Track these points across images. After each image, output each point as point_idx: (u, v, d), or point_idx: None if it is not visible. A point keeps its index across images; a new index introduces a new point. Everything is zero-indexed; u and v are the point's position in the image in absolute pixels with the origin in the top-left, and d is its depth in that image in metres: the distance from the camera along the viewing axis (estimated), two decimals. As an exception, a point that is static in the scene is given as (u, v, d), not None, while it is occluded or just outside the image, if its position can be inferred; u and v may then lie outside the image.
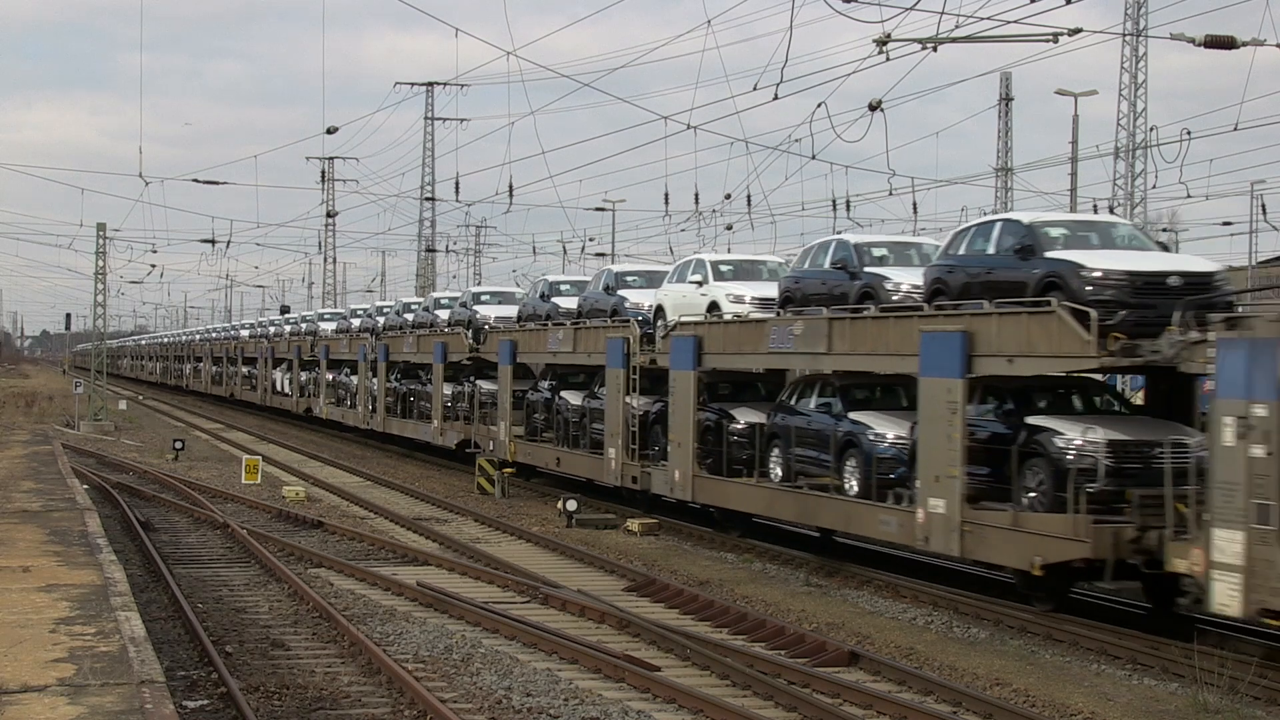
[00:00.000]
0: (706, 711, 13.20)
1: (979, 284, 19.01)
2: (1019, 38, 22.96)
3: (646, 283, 30.52)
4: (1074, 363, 17.37)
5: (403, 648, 15.89)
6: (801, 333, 22.65)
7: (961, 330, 18.47)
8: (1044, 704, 13.92)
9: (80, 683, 11.03)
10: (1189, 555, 15.25)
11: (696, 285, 27.09)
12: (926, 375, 19.13)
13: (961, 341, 18.40)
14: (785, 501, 22.96)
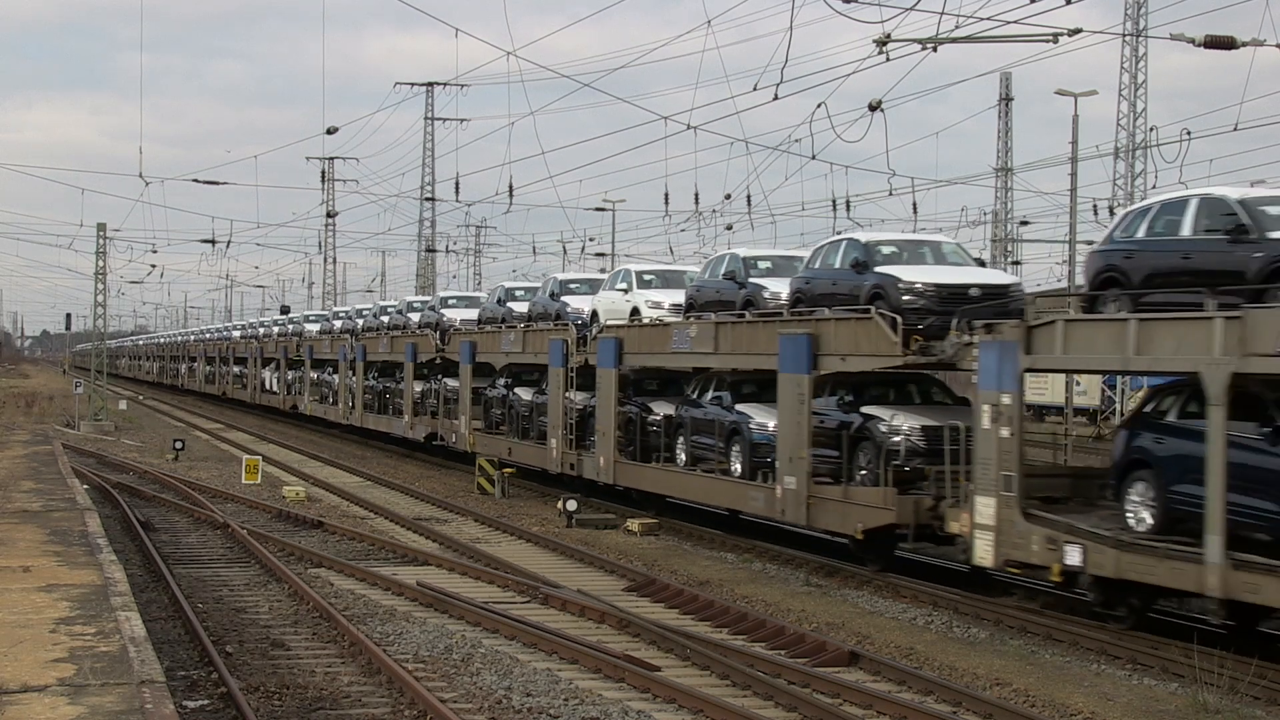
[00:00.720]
0: (706, 711, 13.21)
1: (827, 294, 22.36)
2: (1019, 38, 22.98)
3: (588, 290, 33.35)
4: (886, 360, 20.48)
5: (403, 648, 15.89)
6: (696, 335, 25.85)
7: (808, 333, 21.94)
8: (1044, 704, 13.92)
9: (80, 683, 11.04)
10: (960, 519, 18.74)
11: (622, 293, 30.20)
12: (783, 371, 22.48)
13: (808, 343, 21.87)
14: (687, 483, 26.20)
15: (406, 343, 43.52)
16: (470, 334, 38.94)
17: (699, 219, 55.28)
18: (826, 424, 22.21)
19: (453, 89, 73.21)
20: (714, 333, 25.24)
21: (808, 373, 21.86)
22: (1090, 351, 17.35)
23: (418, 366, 42.81)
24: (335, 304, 75.20)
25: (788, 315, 23.19)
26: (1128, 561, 16.13)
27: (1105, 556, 16.35)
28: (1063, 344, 17.53)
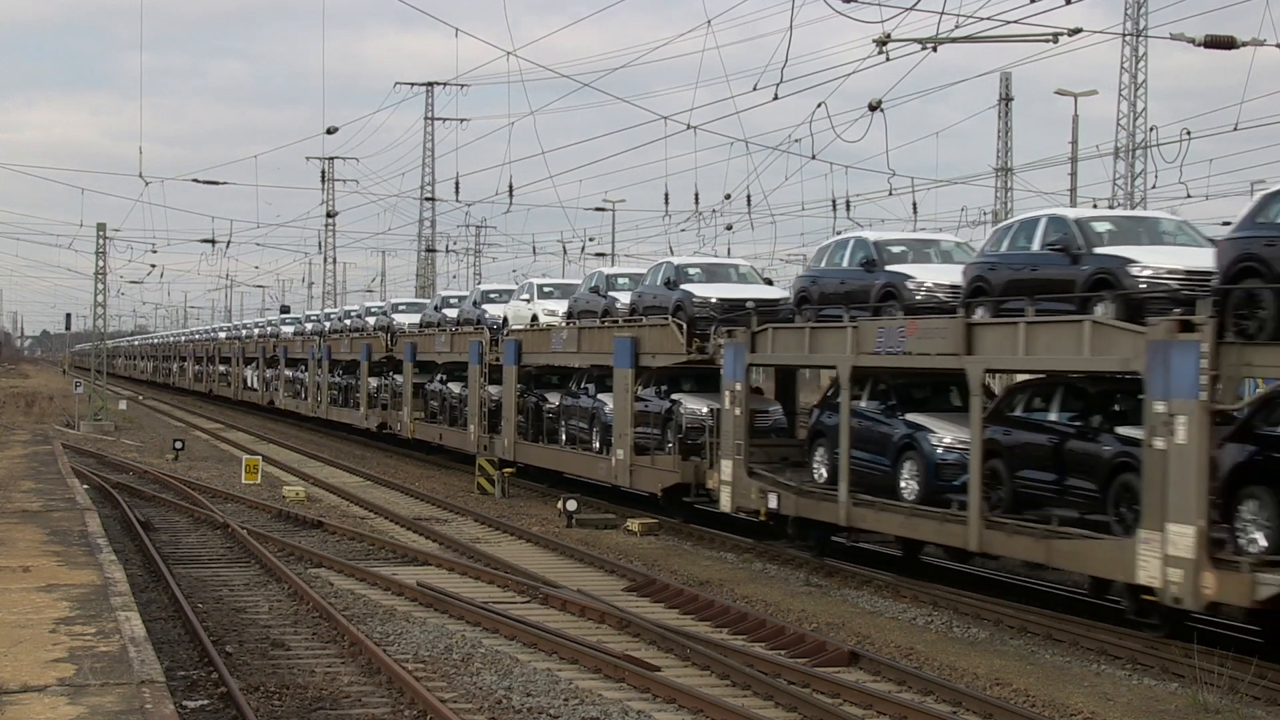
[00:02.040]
0: (706, 711, 13.21)
1: (651, 305, 28.25)
2: (1019, 38, 22.97)
3: (505, 299, 38.66)
4: (678, 358, 26.61)
5: (403, 648, 15.89)
6: (566, 338, 31.76)
7: (633, 336, 28.05)
8: (1044, 704, 13.92)
9: (80, 683, 11.04)
10: (713, 477, 24.90)
11: (525, 302, 36.03)
12: (617, 366, 28.48)
13: (632, 344, 27.95)
14: (563, 458, 32.29)
15: (363, 344, 49.25)
16: (413, 336, 44.64)
17: (699, 219, 55.30)
18: (650, 408, 28.05)
19: (453, 89, 73.23)
20: (578, 336, 31.27)
21: (632, 367, 27.88)
22: (786, 350, 23.57)
23: (372, 365, 48.31)
24: (335, 304, 75.37)
25: (616, 323, 29.29)
26: (804, 504, 22.34)
27: (790, 501, 22.54)
28: (771, 345, 23.58)
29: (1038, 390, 19.48)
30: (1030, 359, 18.24)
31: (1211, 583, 14.80)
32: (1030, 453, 18.60)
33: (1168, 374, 15.43)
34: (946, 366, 19.39)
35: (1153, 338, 15.69)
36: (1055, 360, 17.78)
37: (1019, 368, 20.18)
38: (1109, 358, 16.56)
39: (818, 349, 22.38)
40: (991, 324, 18.83)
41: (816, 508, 21.86)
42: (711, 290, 26.86)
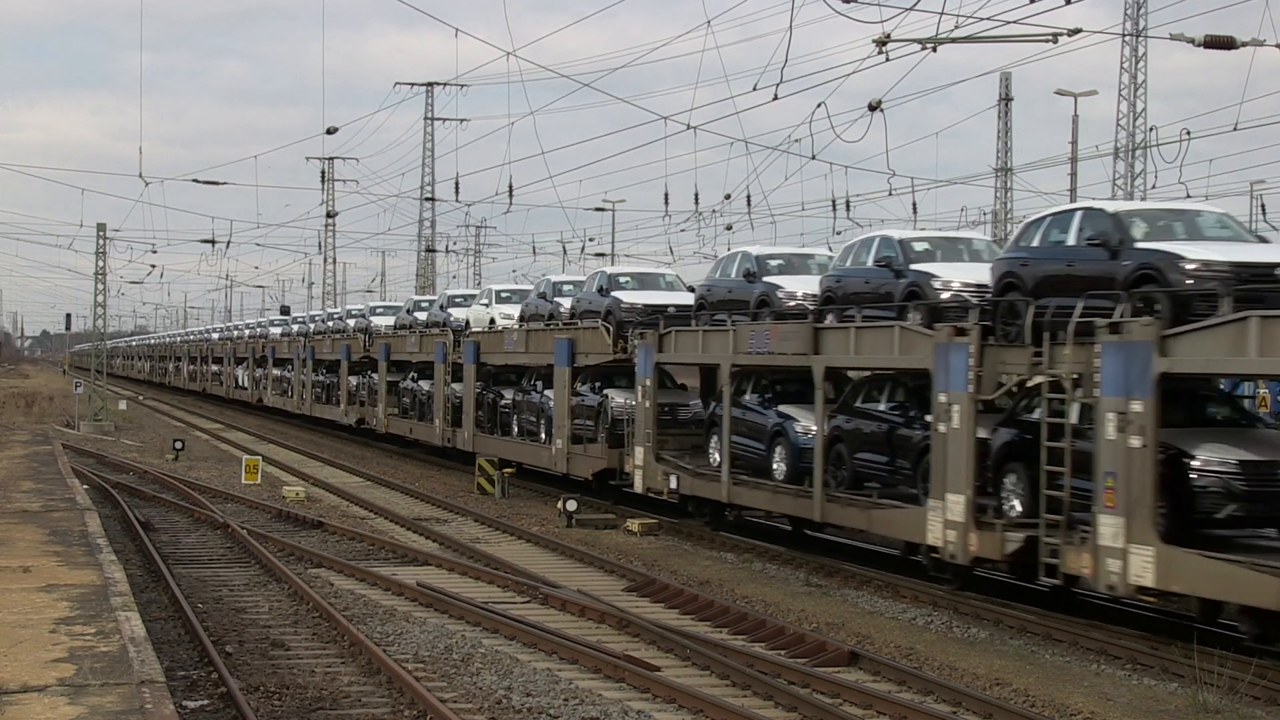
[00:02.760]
0: (706, 711, 13.21)
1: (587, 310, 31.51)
2: (1019, 38, 22.97)
3: (468, 303, 41.82)
4: (605, 357, 29.81)
5: (403, 648, 15.89)
6: (516, 340, 35.20)
7: (570, 338, 31.24)
8: (1044, 704, 13.92)
9: (80, 683, 11.04)
10: (629, 462, 27.84)
11: (485, 307, 39.48)
12: (557, 365, 31.45)
13: (569, 345, 31.13)
14: (514, 448, 35.05)
15: (343, 344, 52.27)
16: (388, 337, 48.01)
17: (699, 219, 55.30)
18: (585, 402, 31.15)
19: (452, 89, 73.24)
20: (526, 338, 34.67)
21: (569, 366, 31.03)
22: (685, 351, 26.82)
23: (352, 364, 51.12)
24: (336, 305, 75.41)
25: (558, 326, 32.66)
26: (696, 484, 25.82)
27: (687, 481, 26.00)
28: (674, 346, 27.00)
29: (873, 384, 22.76)
30: (859, 358, 21.84)
31: (975, 541, 18.18)
32: (866, 438, 22.00)
33: (947, 371, 18.75)
34: (800, 364, 22.54)
35: (938, 340, 18.94)
36: (877, 359, 21.46)
37: (851, 365, 22.97)
38: (912, 357, 19.77)
39: (708, 349, 25.90)
40: (832, 328, 22.21)
41: (706, 486, 25.50)
42: (638, 297, 30.30)
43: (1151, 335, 15.73)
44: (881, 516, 20.69)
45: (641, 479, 27.25)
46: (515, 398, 35.75)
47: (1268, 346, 14.59)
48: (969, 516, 18.21)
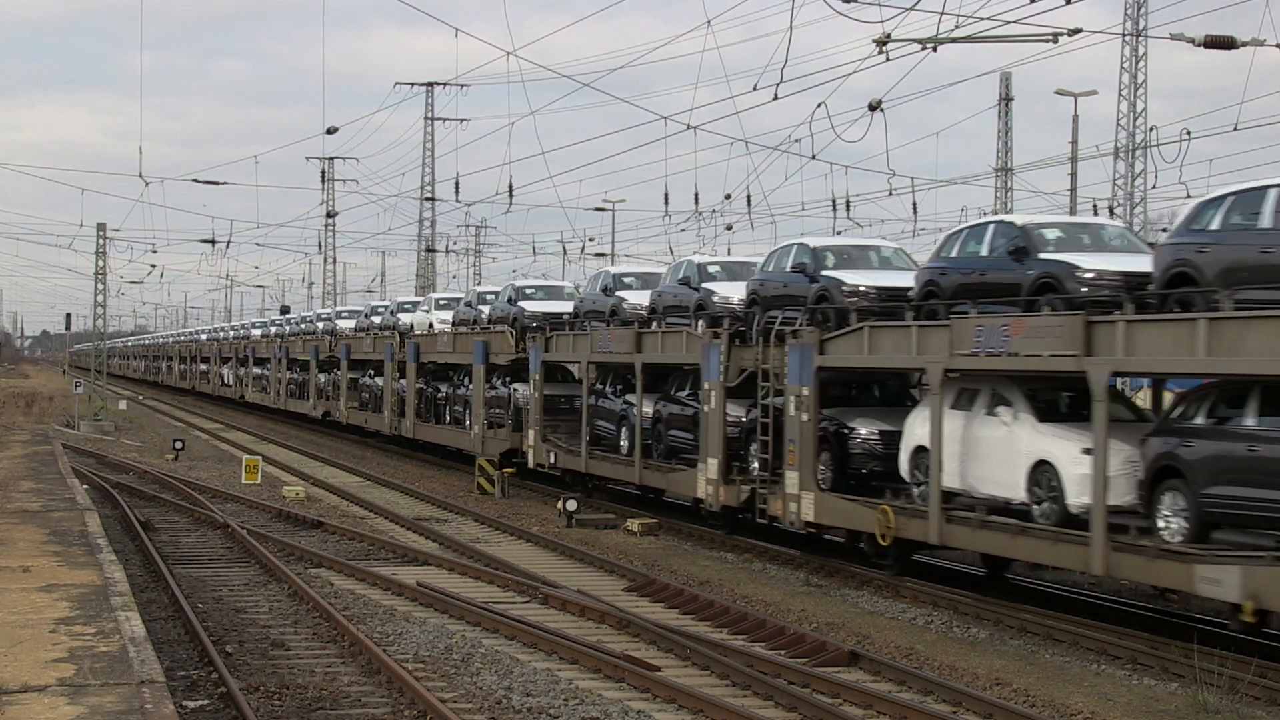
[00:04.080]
0: (706, 711, 13.20)
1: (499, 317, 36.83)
2: (1019, 38, 22.97)
3: (433, 306, 46.64)
4: (511, 356, 35.00)
5: (403, 648, 15.88)
6: (447, 341, 40.90)
7: (484, 340, 36.75)
8: (1044, 704, 13.92)
9: (80, 683, 11.04)
10: (524, 443, 33.35)
11: (425, 312, 46.06)
12: (474, 363, 36.96)
13: (484, 346, 36.50)
14: (444, 433, 40.69)
15: (311, 345, 57.79)
16: (349, 338, 53.64)
17: (699, 219, 55.34)
18: (499, 394, 36.15)
19: (453, 89, 73.25)
20: (454, 340, 40.21)
21: (484, 363, 36.54)
22: (562, 351, 32.39)
23: (320, 363, 56.12)
24: (335, 304, 75.55)
25: (478, 330, 38.44)
26: (566, 459, 31.19)
27: (562, 458, 31.33)
28: (555, 348, 32.70)
29: (684, 376, 27.42)
30: (664, 355, 27.35)
31: (724, 493, 24.32)
32: (676, 419, 27.57)
33: (708, 365, 24.75)
34: (629, 361, 28.35)
35: (704, 342, 25.01)
36: (673, 356, 26.98)
37: (659, 361, 27.80)
38: (691, 354, 25.83)
39: (576, 349, 31.71)
40: (648, 332, 28.07)
41: (573, 460, 30.91)
42: (538, 306, 35.60)
43: (814, 339, 21.89)
44: (674, 478, 26.79)
45: (532, 456, 32.67)
46: (448, 391, 41.00)
47: (875, 346, 20.85)
48: (720, 475, 24.40)
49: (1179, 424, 16.49)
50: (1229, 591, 14.83)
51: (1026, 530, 17.77)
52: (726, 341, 24.38)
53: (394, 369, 44.55)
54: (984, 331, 18.40)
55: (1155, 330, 16.08)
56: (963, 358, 18.84)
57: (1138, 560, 16.05)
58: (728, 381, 24.33)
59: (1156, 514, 16.14)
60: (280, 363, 62.64)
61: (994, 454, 18.81)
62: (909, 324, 20.27)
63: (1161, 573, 15.90)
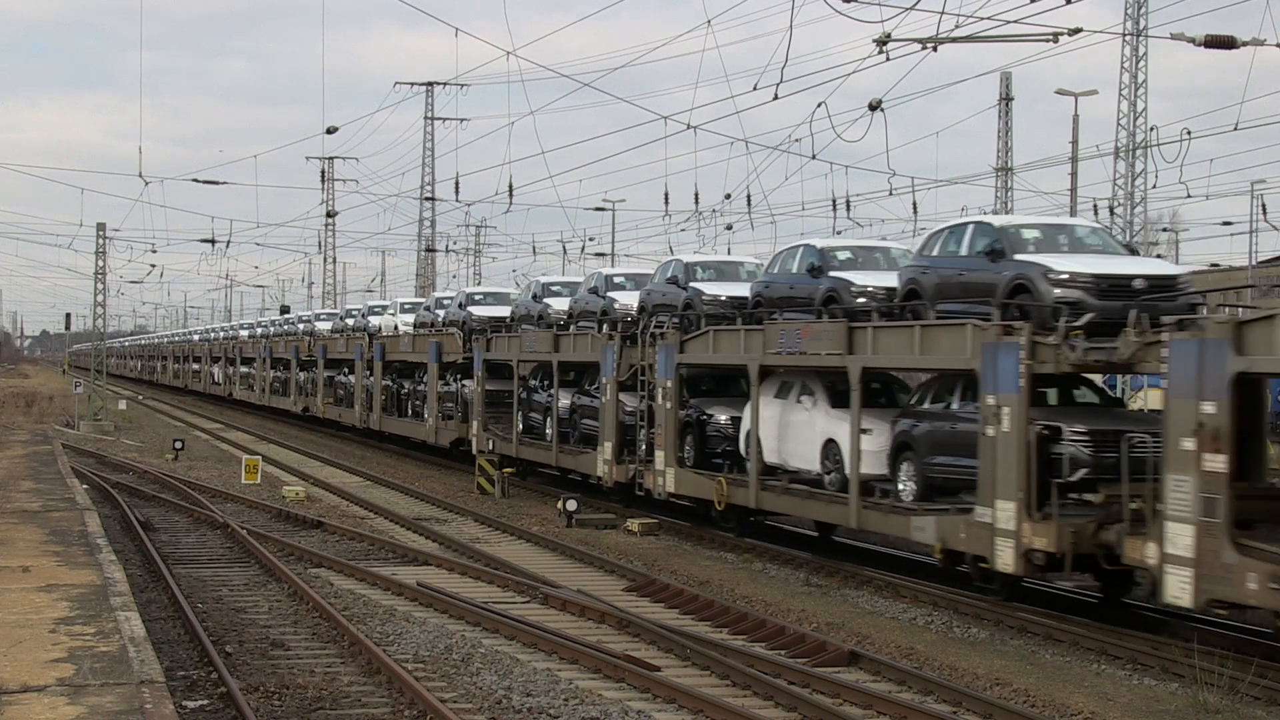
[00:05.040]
0: (706, 711, 13.20)
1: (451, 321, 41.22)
2: (1019, 38, 22.97)
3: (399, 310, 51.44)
4: (460, 355, 38.84)
5: (403, 648, 15.88)
6: (407, 342, 45.36)
7: (437, 341, 40.90)
8: (1044, 704, 13.91)
9: (80, 683, 11.04)
10: (469, 434, 37.05)
11: (391, 315, 50.99)
12: (429, 362, 41.14)
13: (437, 346, 40.71)
14: (407, 426, 44.55)
15: (293, 345, 61.95)
16: (326, 339, 58.10)
17: (699, 219, 55.34)
18: (450, 389, 39.97)
19: (453, 88, 73.27)
20: (412, 340, 44.62)
21: (437, 362, 40.50)
22: (500, 351, 36.07)
23: (300, 362, 59.94)
24: (335, 304, 75.73)
25: (433, 332, 42.42)
26: (502, 445, 34.80)
27: (500, 445, 34.89)
28: (494, 348, 36.34)
29: (593, 374, 30.30)
30: (574, 355, 31.42)
31: (615, 472, 28.25)
32: (588, 410, 30.78)
33: (605, 362, 28.78)
34: (548, 359, 32.55)
35: (603, 342, 29.07)
36: (584, 355, 30.67)
37: (570, 360, 31.72)
38: (595, 354, 29.53)
39: (510, 350, 35.29)
40: (565, 334, 32.24)
41: (507, 447, 34.58)
42: (484, 311, 39.41)
43: (676, 341, 26.09)
44: (582, 459, 30.63)
45: (475, 443, 36.10)
46: (410, 387, 44.83)
47: (718, 347, 25.11)
48: (614, 456, 28.38)
49: (914, 408, 20.55)
50: (929, 536, 19.25)
51: (813, 494, 22.42)
52: (619, 342, 28.51)
53: (364, 367, 48.51)
54: (785, 335, 22.76)
55: (892, 334, 20.29)
56: (772, 356, 23.24)
57: (878, 515, 20.54)
58: (620, 376, 28.33)
59: (898, 479, 20.31)
60: (264, 362, 66.76)
61: (800, 434, 22.92)
62: (739, 328, 24.62)
63: (892, 524, 20.27)
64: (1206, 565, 14.86)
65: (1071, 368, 17.33)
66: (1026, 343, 17.26)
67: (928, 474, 19.63)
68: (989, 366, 17.74)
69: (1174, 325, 15.73)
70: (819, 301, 22.75)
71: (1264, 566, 14.17)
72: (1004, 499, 17.35)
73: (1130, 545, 16.08)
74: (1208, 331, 15.23)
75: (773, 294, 24.49)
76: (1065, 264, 18.05)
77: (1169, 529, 15.26)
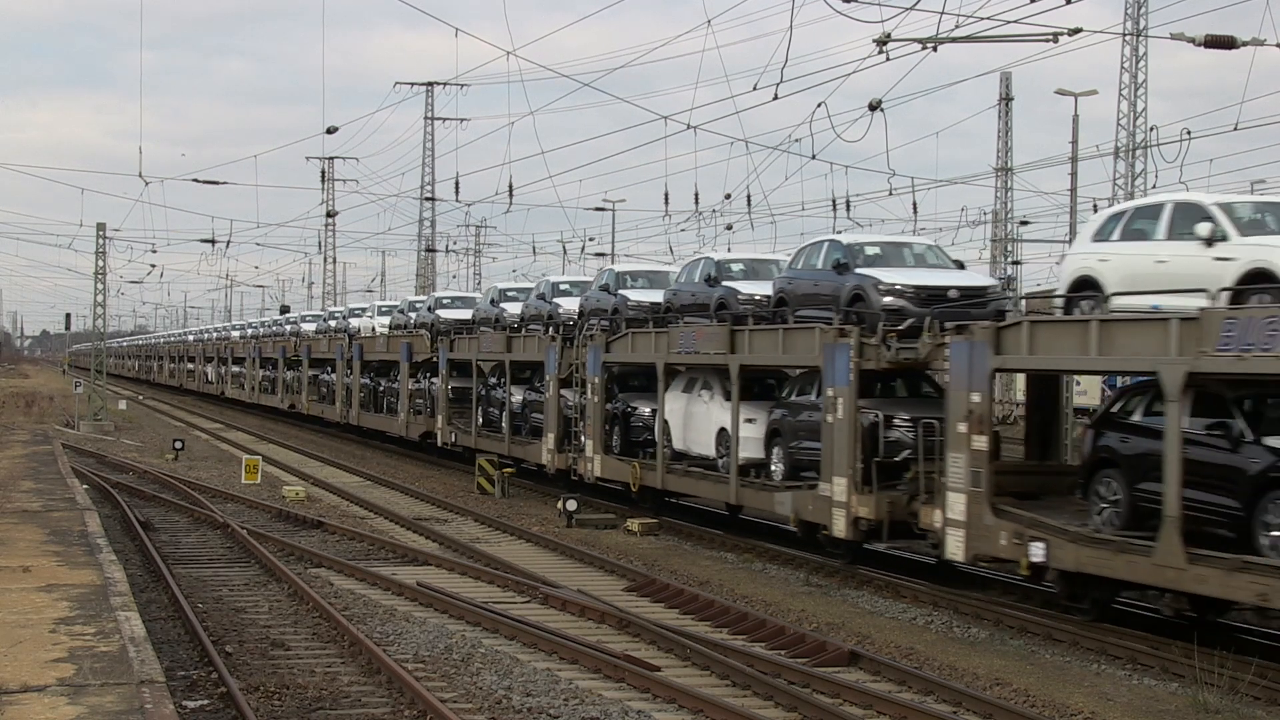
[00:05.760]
0: (706, 711, 13.20)
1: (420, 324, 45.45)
2: (1019, 38, 22.98)
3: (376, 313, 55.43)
4: (426, 355, 41.80)
5: (403, 648, 15.88)
6: (382, 343, 48.30)
7: (408, 342, 43.94)
8: (1044, 704, 13.91)
9: (80, 683, 11.04)
10: (435, 427, 39.97)
11: (369, 318, 54.71)
12: (402, 361, 44.01)
13: (408, 347, 43.66)
14: (380, 420, 48.00)
15: (280, 345, 65.14)
16: (311, 340, 60.99)
17: (699, 219, 55.42)
18: (421, 387, 42.94)
19: (453, 88, 73.28)
20: (387, 341, 47.58)
21: (408, 361, 43.45)
22: (462, 351, 38.76)
23: (287, 361, 62.90)
24: (335, 304, 75.79)
25: (405, 333, 45.79)
26: (464, 437, 38.02)
27: (461, 437, 38.36)
28: (456, 348, 39.24)
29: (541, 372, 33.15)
30: (523, 355, 34.21)
31: (556, 460, 31.47)
32: (535, 404, 33.93)
33: (549, 361, 31.73)
34: (502, 359, 35.66)
35: (545, 345, 32.18)
36: (531, 355, 33.64)
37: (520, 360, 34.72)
38: (539, 354, 32.82)
39: (470, 350, 38.08)
40: (516, 336, 35.31)
41: (467, 439, 37.52)
42: (452, 314, 43.10)
43: (602, 341, 29.44)
44: (529, 449, 33.74)
45: (440, 436, 39.36)
46: (386, 385, 47.84)
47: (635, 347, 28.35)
48: (556, 446, 31.45)
49: (784, 400, 23.75)
50: (786, 509, 22.49)
51: (705, 476, 25.67)
52: (560, 343, 31.37)
53: (344, 366, 51.67)
54: (684, 337, 26.06)
55: (763, 336, 23.65)
56: (674, 355, 26.52)
57: (751, 492, 23.93)
58: (561, 374, 31.21)
59: (771, 462, 23.69)
60: (254, 362, 70.39)
61: (700, 424, 26.10)
62: (650, 331, 27.76)
63: (762, 500, 23.59)
64: (974, 527, 18.13)
65: (889, 365, 20.61)
66: (856, 343, 20.63)
67: (793, 456, 22.94)
68: (829, 363, 21.10)
69: (953, 330, 18.80)
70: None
71: (1011, 526, 17.59)
72: (839, 475, 20.77)
73: (924, 513, 19.34)
74: (975, 335, 18.27)
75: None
76: (892, 276, 21.40)
77: (949, 498, 18.55)
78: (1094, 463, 17.40)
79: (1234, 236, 15.89)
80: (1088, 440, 17.85)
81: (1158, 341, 15.53)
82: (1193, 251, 16.14)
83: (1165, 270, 16.42)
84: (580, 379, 30.16)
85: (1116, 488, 16.75)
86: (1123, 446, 16.91)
